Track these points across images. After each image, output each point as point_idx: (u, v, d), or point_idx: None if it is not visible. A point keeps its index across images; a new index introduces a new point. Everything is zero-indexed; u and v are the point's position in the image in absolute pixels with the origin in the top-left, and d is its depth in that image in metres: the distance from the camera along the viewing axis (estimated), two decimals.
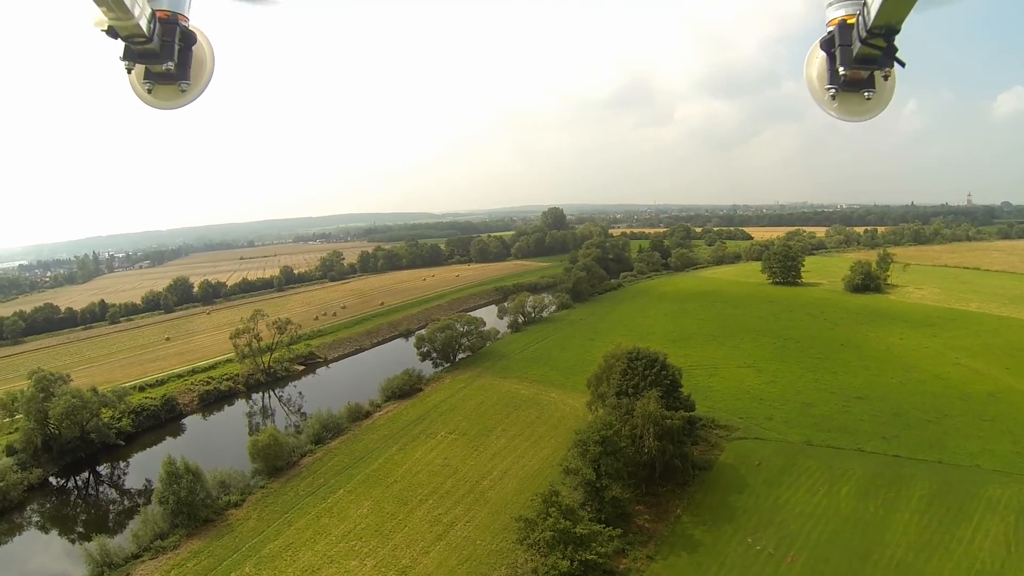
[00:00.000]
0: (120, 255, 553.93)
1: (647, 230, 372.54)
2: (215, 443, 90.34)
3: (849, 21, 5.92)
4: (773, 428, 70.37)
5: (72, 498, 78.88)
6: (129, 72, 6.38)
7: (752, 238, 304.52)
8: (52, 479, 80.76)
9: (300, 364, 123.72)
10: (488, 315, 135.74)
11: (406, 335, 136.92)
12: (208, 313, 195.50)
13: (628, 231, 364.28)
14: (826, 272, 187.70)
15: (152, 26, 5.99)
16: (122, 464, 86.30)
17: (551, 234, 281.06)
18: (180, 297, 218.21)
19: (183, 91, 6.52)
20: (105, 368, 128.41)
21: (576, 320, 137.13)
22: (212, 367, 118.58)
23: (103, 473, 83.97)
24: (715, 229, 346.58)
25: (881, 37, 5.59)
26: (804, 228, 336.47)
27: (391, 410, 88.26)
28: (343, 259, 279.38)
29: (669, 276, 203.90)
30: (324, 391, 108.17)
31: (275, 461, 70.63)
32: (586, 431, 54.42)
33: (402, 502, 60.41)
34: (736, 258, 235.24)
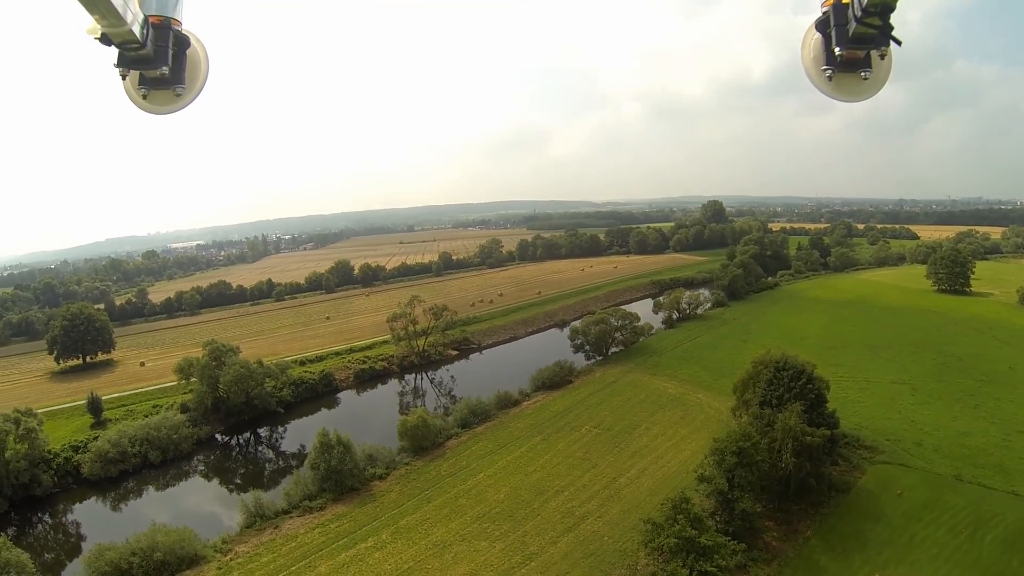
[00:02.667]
0: (286, 237, 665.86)
1: (807, 225, 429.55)
2: (366, 418, 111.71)
3: (844, 1, 6.71)
4: (921, 455, 75.06)
5: (233, 454, 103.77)
6: (124, 79, 7.35)
7: (918, 237, 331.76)
8: (217, 436, 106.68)
9: (454, 349, 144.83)
10: (643, 309, 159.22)
11: (561, 325, 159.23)
12: (367, 295, 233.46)
13: (787, 226, 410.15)
14: (1000, 280, 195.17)
15: (145, 32, 6.89)
16: (280, 429, 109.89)
17: (710, 227, 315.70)
18: (341, 279, 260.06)
19: (178, 95, 7.55)
20: (270, 341, 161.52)
21: (730, 319, 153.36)
22: (369, 347, 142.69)
23: (262, 435, 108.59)
24: (878, 227, 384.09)
25: (876, 16, 6.34)
26: (977, 228, 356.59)
27: (539, 400, 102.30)
28: (502, 247, 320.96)
29: (827, 277, 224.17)
30: (475, 377, 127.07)
31: (421, 441, 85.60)
32: (724, 440, 61.68)
33: (539, 491, 72.19)
34: (900, 260, 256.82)
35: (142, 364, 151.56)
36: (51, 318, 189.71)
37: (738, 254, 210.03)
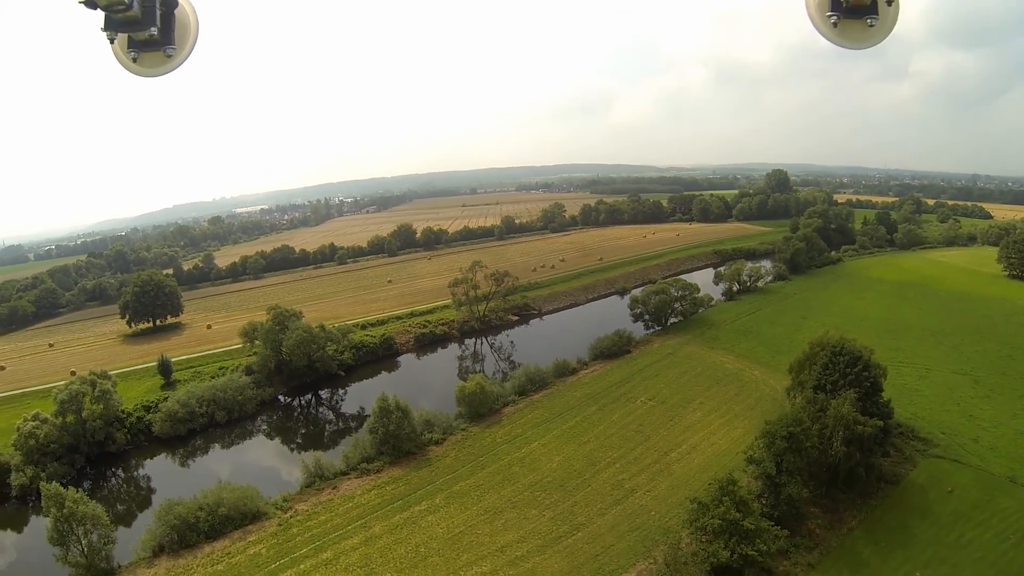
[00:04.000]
0: (349, 200, 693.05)
1: (874, 198, 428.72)
2: (424, 382, 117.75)
3: None
4: (977, 453, 74.04)
5: (295, 415, 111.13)
6: (112, 42, 7.51)
7: (992, 217, 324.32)
8: (280, 397, 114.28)
9: (514, 315, 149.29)
10: (703, 278, 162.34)
11: (621, 293, 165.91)
12: (429, 258, 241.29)
13: (853, 198, 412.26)
14: None
15: None
16: (340, 391, 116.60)
17: (773, 197, 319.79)
18: (403, 242, 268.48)
19: (169, 56, 7.75)
20: (332, 304, 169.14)
21: (790, 294, 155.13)
22: (430, 311, 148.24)
23: (323, 397, 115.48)
24: (949, 203, 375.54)
25: None
26: None
27: (597, 369, 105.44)
28: (564, 211, 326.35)
29: (892, 254, 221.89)
30: (534, 343, 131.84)
31: (478, 407, 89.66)
32: (776, 423, 62.64)
33: (591, 462, 75.17)
34: (970, 240, 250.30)
35: (209, 327, 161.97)
36: (123, 284, 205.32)
37: (801, 226, 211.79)
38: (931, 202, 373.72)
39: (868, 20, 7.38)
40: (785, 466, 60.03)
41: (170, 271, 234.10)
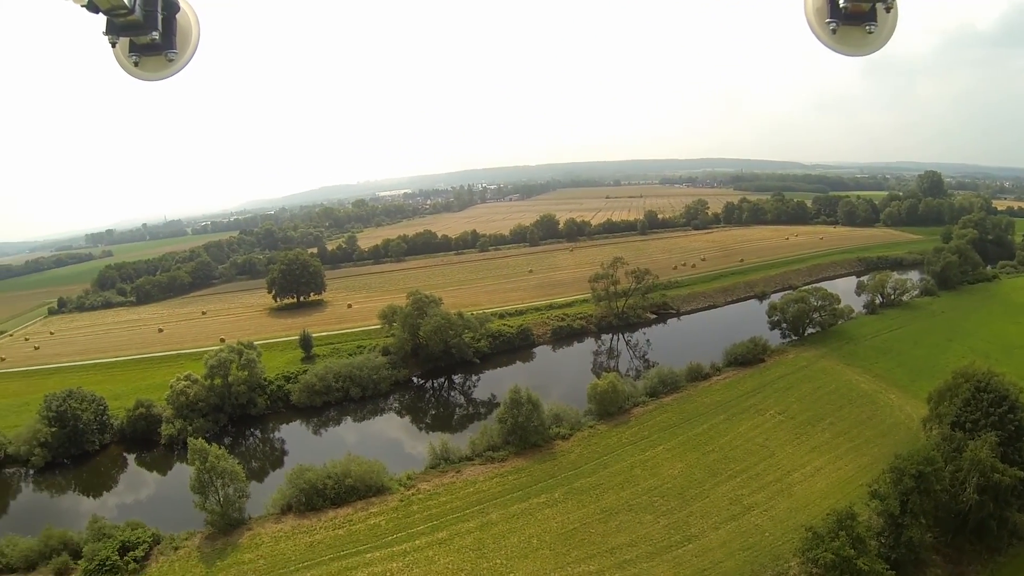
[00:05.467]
0: (492, 187, 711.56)
1: None
2: (557, 375, 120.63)
3: None
4: None
5: (427, 397, 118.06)
6: (113, 46, 7.80)
7: None
8: (414, 379, 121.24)
9: (652, 313, 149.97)
10: (844, 287, 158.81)
11: (760, 297, 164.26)
12: (571, 250, 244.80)
13: (1015, 205, 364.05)
14: None
15: None
16: (473, 378, 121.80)
17: (925, 201, 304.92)
18: (545, 232, 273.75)
19: (170, 60, 8.07)
20: (471, 292, 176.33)
21: (937, 312, 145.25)
22: (568, 305, 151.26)
23: (456, 382, 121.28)
24: None
25: None
26: None
27: (729, 376, 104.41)
28: (707, 207, 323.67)
29: None
30: (669, 343, 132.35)
31: (608, 406, 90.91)
32: (905, 458, 60.07)
33: (712, 472, 74.68)
34: None
35: (349, 306, 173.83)
36: (271, 261, 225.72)
37: (954, 236, 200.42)
38: None
39: (867, 27, 7.61)
40: (910, 506, 57.08)
41: (314, 250, 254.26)
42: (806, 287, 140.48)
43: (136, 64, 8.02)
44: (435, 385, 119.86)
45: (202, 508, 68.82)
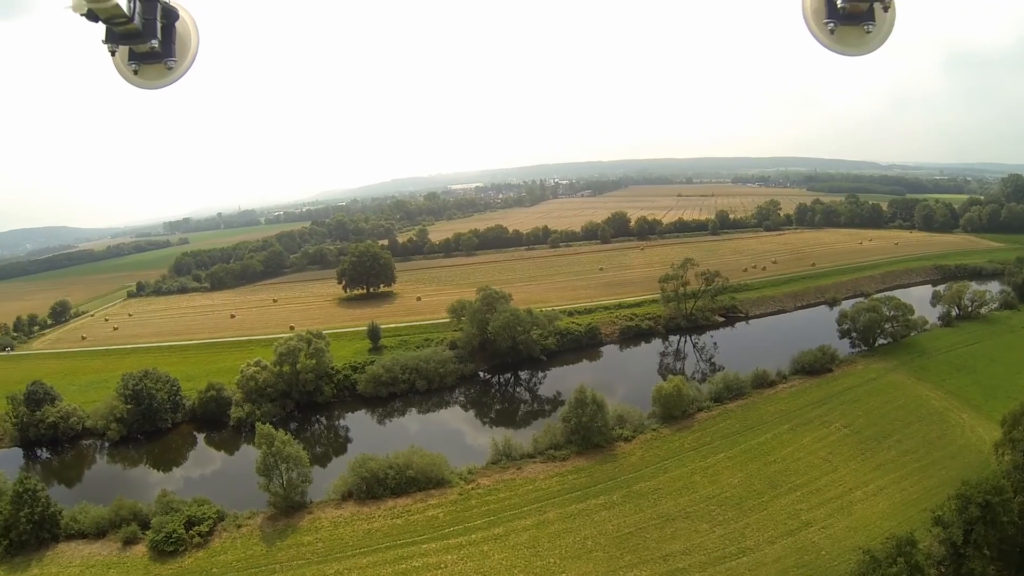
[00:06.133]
0: (564, 182, 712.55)
1: None
2: (622, 374, 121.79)
3: None
4: None
5: (492, 391, 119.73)
6: (113, 55, 7.94)
7: None
8: (480, 373, 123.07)
9: (721, 315, 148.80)
10: (920, 296, 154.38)
11: (831, 304, 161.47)
12: (642, 249, 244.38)
13: None
14: None
15: (132, 5, 7.44)
16: (539, 374, 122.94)
17: (1008, 207, 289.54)
18: (616, 230, 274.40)
19: (170, 68, 8.23)
20: (541, 288, 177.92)
21: (1017, 327, 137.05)
22: (637, 304, 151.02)
23: (522, 378, 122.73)
24: None
25: None
26: None
27: (795, 385, 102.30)
28: (779, 208, 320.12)
29: None
30: (736, 347, 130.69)
31: (672, 410, 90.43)
32: (973, 485, 56.95)
33: (772, 484, 73.30)
34: None
35: (418, 299, 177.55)
36: (341, 252, 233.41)
37: None
38: None
39: (865, 27, 7.66)
40: (974, 537, 54.19)
41: (385, 242, 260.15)
42: (878, 295, 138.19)
43: (136, 72, 8.18)
44: (501, 380, 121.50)
45: (266, 490, 72.65)
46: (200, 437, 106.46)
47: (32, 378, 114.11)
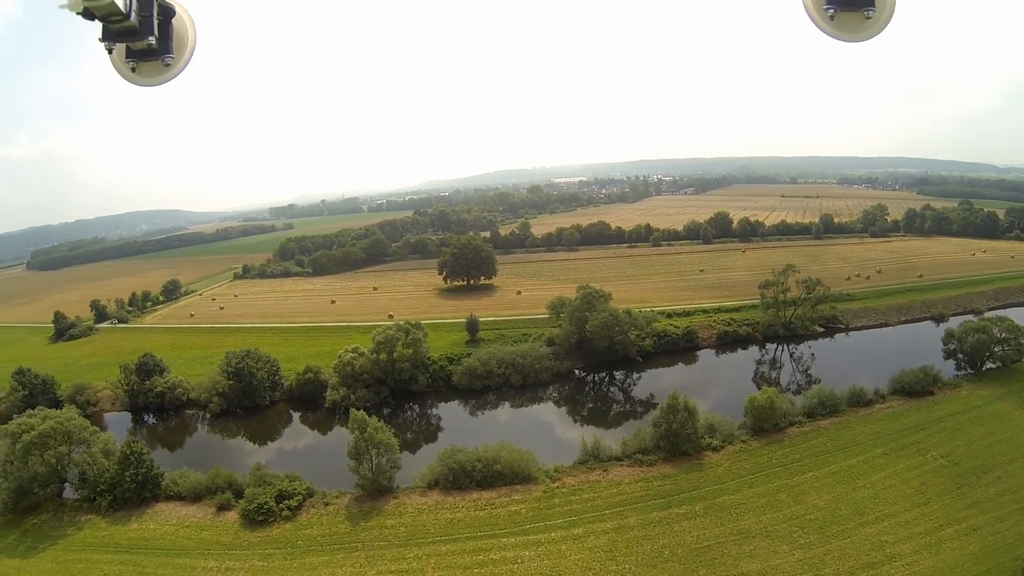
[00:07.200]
0: (667, 179, 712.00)
1: None
2: (716, 380, 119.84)
3: None
4: None
5: (585, 390, 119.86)
6: (110, 53, 8.00)
7: None
8: (575, 371, 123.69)
9: (820, 325, 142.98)
10: None
11: (937, 320, 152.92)
12: (743, 251, 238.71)
13: None
14: None
15: (128, 2, 7.52)
16: (634, 375, 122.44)
17: None
18: (718, 231, 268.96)
19: (167, 65, 8.28)
20: (641, 287, 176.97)
21: None
22: (736, 309, 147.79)
23: (617, 378, 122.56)
24: None
25: None
26: None
27: (894, 406, 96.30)
28: (887, 213, 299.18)
29: None
30: (833, 360, 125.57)
31: (764, 422, 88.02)
32: None
33: (858, 511, 69.54)
34: None
35: (518, 293, 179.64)
36: (443, 243, 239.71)
37: None
38: None
39: (866, 12, 7.74)
40: None
41: (487, 234, 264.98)
42: (990, 314, 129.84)
43: (133, 70, 8.29)
44: (595, 379, 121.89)
45: (355, 472, 76.38)
46: (295, 416, 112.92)
47: (144, 350, 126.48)
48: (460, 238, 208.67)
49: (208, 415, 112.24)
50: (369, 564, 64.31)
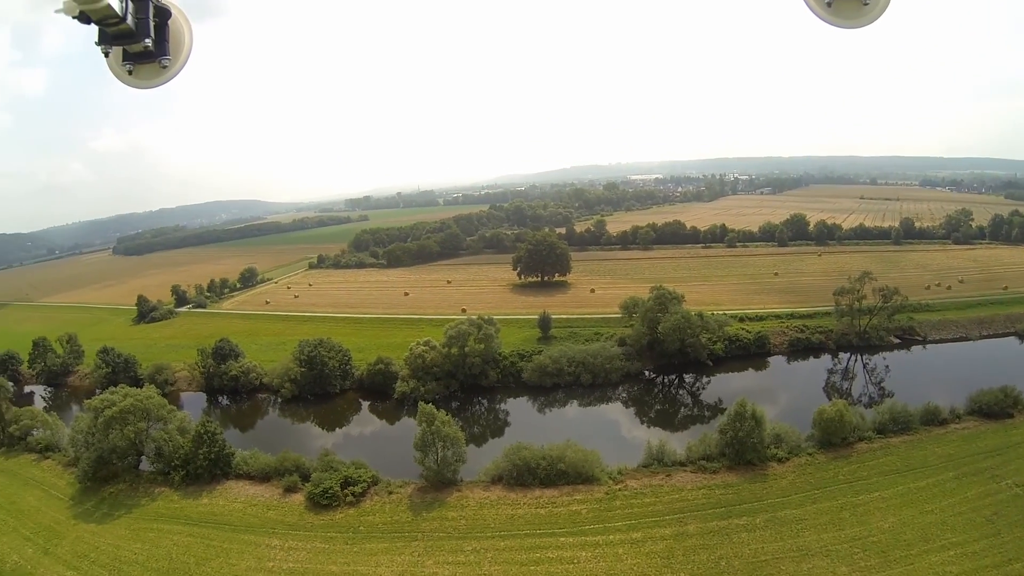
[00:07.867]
0: (743, 178, 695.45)
1: None
2: (786, 388, 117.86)
3: None
4: None
5: (654, 391, 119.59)
6: (106, 56, 8.05)
7: None
8: (645, 372, 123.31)
9: (896, 336, 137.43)
10: None
11: (1021, 336, 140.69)
12: (819, 255, 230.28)
13: None
14: None
15: (124, 5, 7.56)
16: (704, 379, 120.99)
17: None
18: (794, 233, 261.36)
19: (164, 67, 8.31)
20: (714, 289, 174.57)
21: None
22: (809, 316, 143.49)
23: (687, 382, 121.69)
24: None
25: None
26: None
27: (969, 427, 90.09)
28: (971, 218, 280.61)
29: None
30: (908, 374, 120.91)
31: (832, 436, 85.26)
32: None
33: (924, 537, 65.48)
34: None
35: (592, 291, 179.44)
36: (518, 238, 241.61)
37: None
38: None
39: None
40: None
41: (563, 231, 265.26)
42: None
43: (130, 73, 8.29)
44: (665, 382, 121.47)
45: (421, 463, 78.49)
46: (364, 405, 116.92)
47: (220, 335, 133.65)
48: (535, 234, 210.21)
49: (279, 400, 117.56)
50: (427, 554, 66.04)
